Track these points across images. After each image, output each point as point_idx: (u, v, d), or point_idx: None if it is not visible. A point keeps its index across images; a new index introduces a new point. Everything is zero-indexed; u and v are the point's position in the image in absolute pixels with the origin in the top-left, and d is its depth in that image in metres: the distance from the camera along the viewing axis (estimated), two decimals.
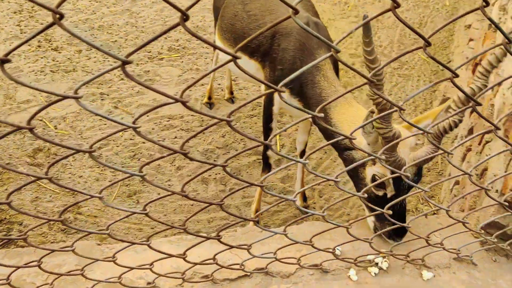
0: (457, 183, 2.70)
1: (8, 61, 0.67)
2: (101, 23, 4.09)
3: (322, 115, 1.01)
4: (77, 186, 2.80)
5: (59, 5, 0.66)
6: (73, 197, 2.76)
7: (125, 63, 0.77)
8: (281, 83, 0.89)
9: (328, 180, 1.13)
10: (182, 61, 3.83)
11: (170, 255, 1.27)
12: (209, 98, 3.47)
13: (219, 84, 3.68)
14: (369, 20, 0.91)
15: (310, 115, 0.99)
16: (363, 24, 0.94)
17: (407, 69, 4.20)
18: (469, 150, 2.71)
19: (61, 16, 0.67)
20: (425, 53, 0.91)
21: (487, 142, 2.34)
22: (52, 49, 3.70)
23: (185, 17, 0.72)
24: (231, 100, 3.56)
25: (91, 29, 4.00)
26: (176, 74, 3.71)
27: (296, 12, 0.77)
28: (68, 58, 3.65)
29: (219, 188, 2.89)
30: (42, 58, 3.61)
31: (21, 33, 3.82)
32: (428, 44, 0.90)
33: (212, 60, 3.57)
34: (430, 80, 4.09)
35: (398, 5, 0.83)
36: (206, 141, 3.20)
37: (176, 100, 0.84)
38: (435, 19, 4.96)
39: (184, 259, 1.32)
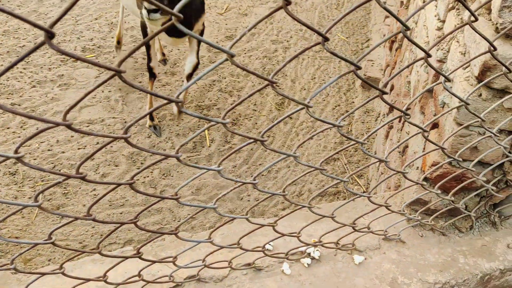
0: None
1: None
2: (6, 28, 3.80)
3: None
4: None
5: None
6: None
7: None
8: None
9: (245, 183, 1.09)
10: (99, 61, 3.65)
11: (88, 280, 1.19)
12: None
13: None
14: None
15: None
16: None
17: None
18: (391, 127, 2.78)
19: None
20: (325, 49, 0.88)
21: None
22: None
23: (50, 34, 0.64)
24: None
25: None
26: (92, 75, 3.53)
27: (179, 18, 0.70)
28: None
29: (149, 191, 2.79)
30: None
31: None
32: (326, 39, 0.86)
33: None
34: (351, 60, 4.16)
35: (289, 3, 0.79)
36: None
37: (57, 124, 0.75)
38: None
39: (105, 281, 1.24)
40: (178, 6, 0.67)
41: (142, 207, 2.69)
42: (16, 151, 0.82)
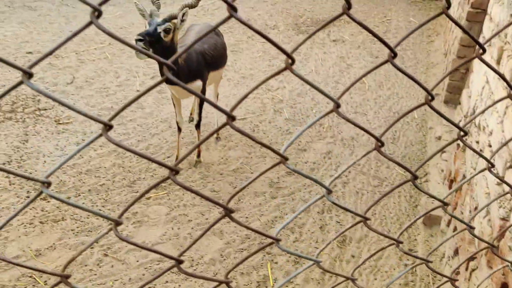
0: None
1: None
2: (89, 167, 4.22)
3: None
4: None
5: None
6: None
7: (117, 223, 0.85)
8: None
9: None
10: (169, 198, 3.92)
11: None
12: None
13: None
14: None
15: None
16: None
17: (387, 185, 4.35)
18: (457, 273, 2.75)
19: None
20: (414, 185, 1.00)
21: (473, 270, 2.40)
22: (41, 199, 3.77)
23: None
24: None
25: (79, 174, 4.12)
26: (164, 212, 3.78)
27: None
28: (57, 207, 3.71)
29: None
30: (31, 209, 3.66)
31: (9, 184, 3.91)
32: (415, 177, 0.99)
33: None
34: (410, 194, 4.23)
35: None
36: (198, 282, 3.19)
37: (171, 257, 0.90)
38: (407, 133, 5.25)
39: None
40: (172, 58, 0.79)
41: None
42: None
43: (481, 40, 3.60)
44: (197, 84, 3.95)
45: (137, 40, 3.23)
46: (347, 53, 7.39)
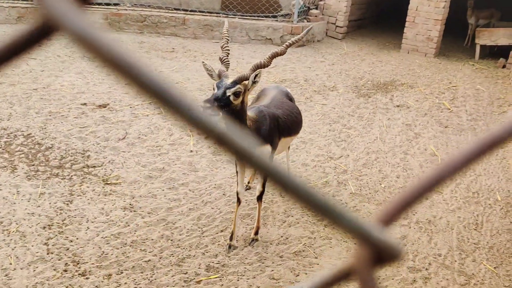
0: None
1: None
2: (134, 238, 3.79)
3: None
4: None
5: None
6: None
7: None
8: None
9: None
10: (222, 284, 3.40)
11: None
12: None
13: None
14: None
15: None
16: None
17: (476, 284, 3.68)
18: None
19: None
20: None
21: None
22: (79, 274, 3.34)
23: None
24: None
25: (123, 246, 3.68)
26: None
27: None
28: (96, 286, 3.25)
29: None
30: (67, 286, 3.22)
31: (47, 253, 3.51)
32: None
33: None
34: None
35: None
36: None
37: None
38: (490, 217, 4.59)
39: None
40: None
41: None
42: None
43: None
44: (266, 149, 3.51)
45: (204, 108, 2.83)
46: (413, 120, 6.87)
